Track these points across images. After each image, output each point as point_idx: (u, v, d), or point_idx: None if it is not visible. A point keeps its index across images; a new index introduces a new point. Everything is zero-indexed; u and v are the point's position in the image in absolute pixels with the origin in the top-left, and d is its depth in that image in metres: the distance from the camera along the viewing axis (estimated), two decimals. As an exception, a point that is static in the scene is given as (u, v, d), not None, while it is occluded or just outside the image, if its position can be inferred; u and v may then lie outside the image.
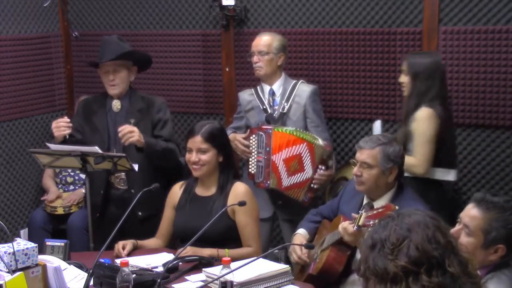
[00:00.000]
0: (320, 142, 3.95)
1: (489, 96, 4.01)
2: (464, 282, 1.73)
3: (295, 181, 3.99)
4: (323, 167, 3.96)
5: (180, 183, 3.54)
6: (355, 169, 3.26)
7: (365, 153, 3.23)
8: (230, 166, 3.43)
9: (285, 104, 4.08)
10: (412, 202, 3.16)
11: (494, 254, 2.42)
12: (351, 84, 4.43)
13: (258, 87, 4.20)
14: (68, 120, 3.72)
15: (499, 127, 4.02)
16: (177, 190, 3.52)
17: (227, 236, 3.31)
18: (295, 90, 4.10)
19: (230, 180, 3.38)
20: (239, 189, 3.35)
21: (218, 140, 3.37)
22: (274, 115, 4.09)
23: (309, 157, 3.94)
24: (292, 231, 3.70)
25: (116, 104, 3.87)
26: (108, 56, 3.81)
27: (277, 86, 4.13)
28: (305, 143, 3.94)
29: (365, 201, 3.31)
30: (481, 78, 4.02)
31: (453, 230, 2.42)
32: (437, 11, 4.09)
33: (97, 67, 3.91)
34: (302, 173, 3.97)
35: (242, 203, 3.17)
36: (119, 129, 3.64)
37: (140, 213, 3.76)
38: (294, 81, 4.16)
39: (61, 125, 3.67)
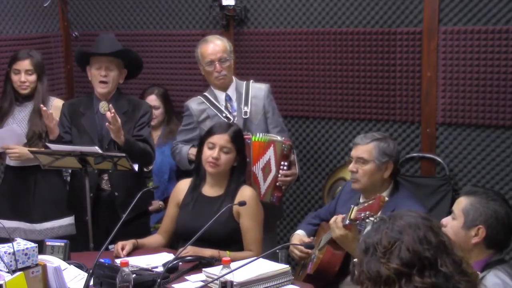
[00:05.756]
0: (279, 138, 3.84)
1: (489, 96, 4.00)
2: (458, 281, 1.74)
3: (267, 185, 3.84)
4: (286, 163, 3.82)
5: (187, 180, 3.53)
6: (351, 165, 3.32)
7: (360, 149, 3.31)
8: (242, 172, 3.46)
9: (246, 108, 3.92)
10: (407, 201, 3.19)
11: (475, 236, 2.52)
12: (351, 84, 4.42)
13: (208, 95, 3.99)
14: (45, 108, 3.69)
15: (499, 127, 4.01)
16: (182, 187, 3.50)
17: (231, 238, 3.31)
18: (250, 92, 3.96)
19: (239, 184, 3.41)
20: (245, 193, 3.36)
21: (240, 143, 3.43)
22: (235, 122, 3.85)
23: (274, 157, 3.81)
24: (267, 239, 3.57)
25: (103, 106, 3.86)
26: (105, 50, 3.80)
27: (232, 91, 3.96)
28: (272, 145, 3.80)
29: (361, 201, 3.31)
30: (481, 78, 4.01)
31: (443, 220, 2.57)
32: (437, 11, 4.08)
33: (88, 64, 3.88)
34: (270, 174, 3.83)
35: (242, 203, 3.17)
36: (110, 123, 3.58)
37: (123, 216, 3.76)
38: (245, 82, 4.02)
39: (46, 115, 3.65)
